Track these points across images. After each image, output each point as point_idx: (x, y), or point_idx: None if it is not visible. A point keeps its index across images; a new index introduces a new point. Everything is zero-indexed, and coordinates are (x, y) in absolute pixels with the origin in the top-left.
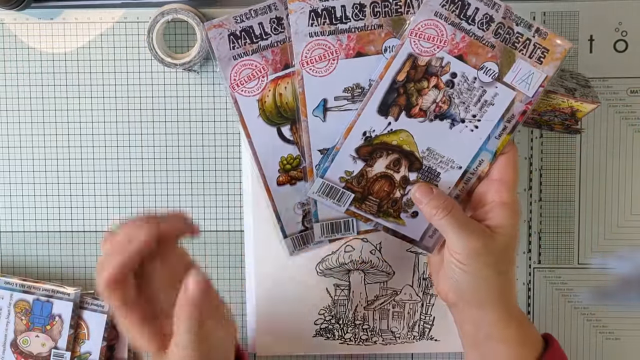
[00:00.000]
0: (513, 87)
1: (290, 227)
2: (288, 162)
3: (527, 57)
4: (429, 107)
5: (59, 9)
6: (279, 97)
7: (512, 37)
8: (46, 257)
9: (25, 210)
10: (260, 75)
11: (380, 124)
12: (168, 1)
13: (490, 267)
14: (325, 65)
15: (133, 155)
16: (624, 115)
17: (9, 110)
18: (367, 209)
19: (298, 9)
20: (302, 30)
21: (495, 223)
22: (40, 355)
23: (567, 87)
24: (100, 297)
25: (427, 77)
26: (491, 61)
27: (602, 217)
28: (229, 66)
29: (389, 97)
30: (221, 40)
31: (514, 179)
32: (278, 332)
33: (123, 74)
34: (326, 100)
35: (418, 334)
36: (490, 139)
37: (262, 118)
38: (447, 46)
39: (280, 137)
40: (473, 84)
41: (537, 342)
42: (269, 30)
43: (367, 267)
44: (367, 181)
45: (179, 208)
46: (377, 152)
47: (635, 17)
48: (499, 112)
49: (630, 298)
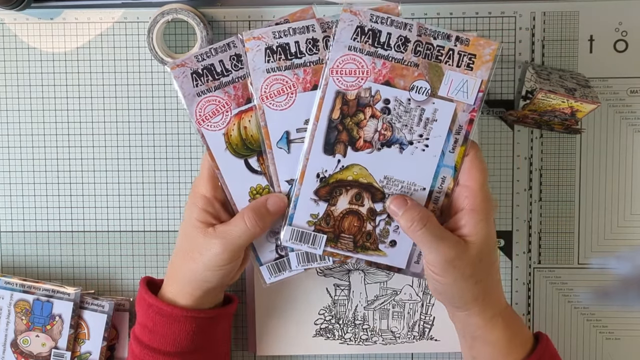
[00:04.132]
0: (451, 99)
1: (265, 256)
2: (257, 192)
3: (456, 67)
4: (372, 137)
5: (59, 9)
6: (244, 130)
7: (433, 52)
8: (46, 257)
9: (25, 210)
10: (224, 110)
11: (330, 164)
12: (168, 1)
13: (466, 278)
14: (285, 98)
15: (133, 155)
16: (624, 115)
17: (9, 110)
18: (343, 247)
19: (254, 47)
20: (259, 67)
21: (467, 231)
22: (40, 355)
23: (567, 87)
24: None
25: (361, 109)
26: (419, 79)
27: (602, 217)
28: (193, 103)
29: (330, 136)
30: (185, 79)
31: (481, 180)
32: (278, 332)
33: (123, 74)
34: (289, 132)
35: (418, 334)
36: (445, 154)
37: (229, 151)
38: (371, 76)
39: (248, 168)
40: (409, 105)
41: (526, 341)
42: (229, 67)
43: (367, 267)
44: (335, 220)
45: (179, 208)
46: (336, 191)
47: (635, 17)
48: (444, 127)
49: (630, 298)
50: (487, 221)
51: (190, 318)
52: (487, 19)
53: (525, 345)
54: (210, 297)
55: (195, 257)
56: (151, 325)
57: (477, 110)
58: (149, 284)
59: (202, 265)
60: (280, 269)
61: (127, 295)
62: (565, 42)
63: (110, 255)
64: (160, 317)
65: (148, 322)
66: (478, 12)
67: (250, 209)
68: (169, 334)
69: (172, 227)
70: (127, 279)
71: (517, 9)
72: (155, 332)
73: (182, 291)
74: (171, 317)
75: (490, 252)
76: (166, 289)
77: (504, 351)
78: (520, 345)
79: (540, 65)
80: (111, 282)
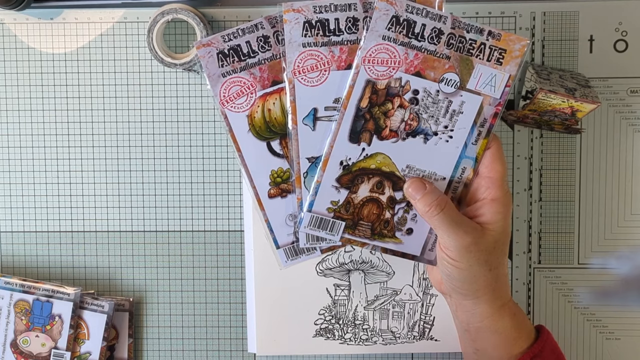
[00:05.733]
0: (478, 93)
1: (282, 238)
2: (278, 176)
3: (486, 61)
4: (398, 127)
5: (59, 9)
6: (268, 113)
7: (465, 45)
8: (46, 257)
9: (25, 210)
10: (249, 92)
11: (354, 152)
12: (168, 1)
13: (481, 263)
14: (317, 75)
15: (133, 155)
16: (624, 115)
17: (9, 110)
18: (360, 234)
19: (293, 19)
20: (295, 40)
21: (485, 219)
22: (40, 355)
23: (567, 87)
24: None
25: (390, 99)
26: (450, 72)
27: (602, 217)
28: (218, 83)
29: (356, 124)
30: (210, 59)
31: (502, 173)
32: (278, 332)
33: (123, 74)
34: (316, 109)
35: (418, 334)
36: (468, 146)
37: (252, 133)
38: (403, 66)
39: (270, 151)
40: (437, 97)
41: (530, 333)
42: (256, 48)
43: (367, 267)
44: (355, 207)
45: (179, 208)
46: (358, 179)
47: (635, 17)
48: (470, 119)
49: (630, 298)
50: (506, 213)
51: None
52: (487, 19)
53: (529, 336)
54: None
55: None
56: None
57: (503, 104)
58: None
59: None
60: (298, 253)
61: (127, 295)
62: (565, 42)
63: (110, 255)
64: None
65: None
66: (478, 12)
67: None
68: None
69: (172, 227)
70: (127, 279)
71: (517, 9)
72: None
73: None
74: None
75: (505, 244)
76: None
77: (510, 340)
78: (526, 334)
79: (540, 65)
80: (111, 282)
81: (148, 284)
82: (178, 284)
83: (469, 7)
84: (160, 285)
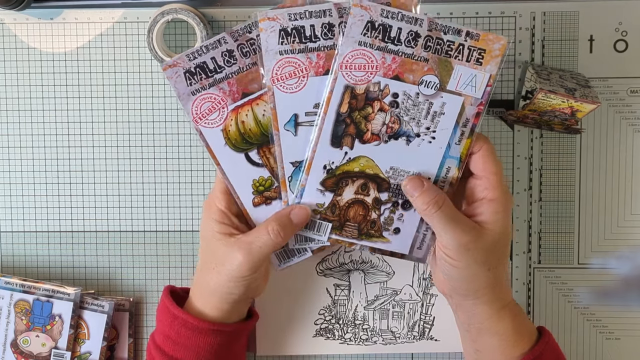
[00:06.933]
0: (459, 93)
1: None
2: (260, 184)
3: (465, 62)
4: (380, 130)
5: (59, 9)
6: (242, 125)
7: (443, 47)
8: (46, 257)
9: (25, 210)
10: (220, 107)
11: (337, 156)
12: (168, 1)
13: (480, 263)
14: (296, 82)
15: (133, 155)
16: (624, 115)
17: (9, 110)
18: (347, 234)
19: (268, 28)
20: (272, 49)
21: (484, 219)
22: (40, 355)
23: (567, 87)
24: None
25: (370, 103)
26: (429, 74)
27: (602, 217)
28: (189, 101)
29: (337, 129)
30: (178, 79)
31: (497, 172)
32: (278, 332)
33: (123, 74)
34: (297, 115)
35: (418, 334)
36: (451, 147)
37: (228, 146)
38: (380, 70)
39: (249, 161)
40: (417, 99)
41: (531, 334)
42: (222, 63)
43: (367, 267)
44: (341, 209)
45: (179, 208)
46: (343, 182)
47: (635, 17)
48: (452, 120)
49: (630, 298)
50: (506, 212)
51: (216, 331)
52: (487, 19)
53: (530, 337)
54: (236, 310)
55: (219, 269)
56: (175, 336)
57: (485, 103)
58: (172, 293)
59: (226, 277)
60: (289, 255)
61: (127, 295)
62: (565, 42)
63: (110, 255)
64: (185, 330)
65: (171, 333)
66: (478, 12)
67: (273, 220)
68: (193, 346)
69: (172, 227)
70: (127, 279)
71: (517, 9)
72: (179, 344)
73: (208, 304)
74: (196, 330)
75: (505, 244)
76: (192, 301)
77: (510, 342)
78: (525, 336)
79: (540, 65)
80: (111, 282)
81: (148, 284)
82: (178, 284)
83: (469, 7)
84: (160, 285)
